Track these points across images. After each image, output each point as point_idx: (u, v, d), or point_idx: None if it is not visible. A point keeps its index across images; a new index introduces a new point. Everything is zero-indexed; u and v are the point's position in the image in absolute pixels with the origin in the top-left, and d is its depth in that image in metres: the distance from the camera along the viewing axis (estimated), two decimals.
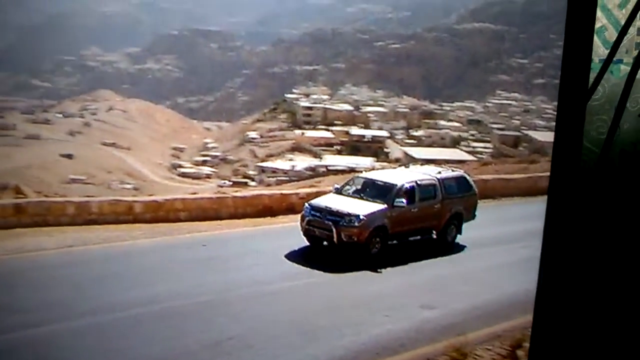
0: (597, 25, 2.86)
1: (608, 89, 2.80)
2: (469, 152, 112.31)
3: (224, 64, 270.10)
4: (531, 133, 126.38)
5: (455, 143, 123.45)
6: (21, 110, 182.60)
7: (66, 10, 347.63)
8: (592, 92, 2.71)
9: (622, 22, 2.70)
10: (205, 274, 16.21)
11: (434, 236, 19.60)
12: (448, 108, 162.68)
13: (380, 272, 16.65)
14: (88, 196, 25.05)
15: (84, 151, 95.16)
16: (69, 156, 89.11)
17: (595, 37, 2.87)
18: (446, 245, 19.49)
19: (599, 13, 2.84)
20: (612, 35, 2.81)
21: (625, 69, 2.87)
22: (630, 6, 2.62)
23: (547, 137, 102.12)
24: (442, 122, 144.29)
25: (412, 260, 17.81)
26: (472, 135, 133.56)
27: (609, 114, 2.83)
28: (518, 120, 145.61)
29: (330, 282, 16.12)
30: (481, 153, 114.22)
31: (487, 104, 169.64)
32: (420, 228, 19.12)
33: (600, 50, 2.76)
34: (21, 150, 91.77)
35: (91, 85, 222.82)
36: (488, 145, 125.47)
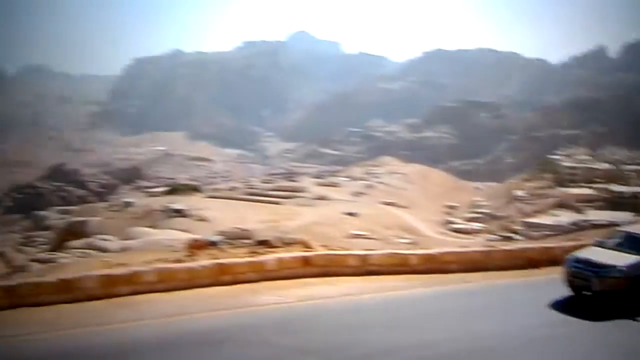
0: None
1: None
2: None
3: (492, 130, 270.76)
4: None
5: None
6: (312, 174, 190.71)
7: (353, 89, 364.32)
8: None
9: None
10: (474, 321, 15.88)
11: None
12: None
13: (639, 321, 15.71)
14: (368, 249, 25.29)
15: (366, 210, 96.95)
16: (353, 214, 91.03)
17: None
18: None
19: None
20: None
21: None
22: None
23: None
24: None
25: None
26: None
27: None
28: None
29: (590, 330, 15.38)
30: None
31: None
32: None
33: None
34: (311, 210, 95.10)
35: (375, 152, 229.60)
36: None
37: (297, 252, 21.67)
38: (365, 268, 21.21)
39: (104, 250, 38.78)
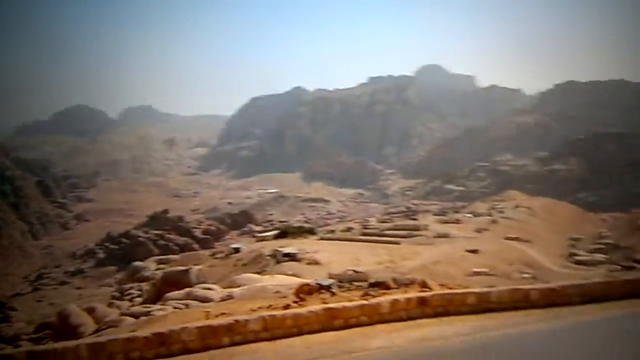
0: None
1: None
2: None
3: (621, 160, 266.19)
4: None
5: None
6: (434, 212, 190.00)
7: (483, 123, 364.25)
8: None
9: None
10: (597, 354, 15.73)
11: None
12: None
13: None
14: (489, 286, 25.06)
15: (489, 246, 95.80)
16: (474, 251, 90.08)
17: None
18: None
19: None
20: None
21: None
22: None
23: None
24: None
25: None
26: None
27: None
28: None
29: None
30: None
31: None
32: None
33: None
34: (430, 248, 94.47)
35: (500, 187, 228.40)
36: None
37: (414, 293, 21.61)
38: (484, 306, 21.11)
39: (205, 300, 38.98)
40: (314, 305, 20.21)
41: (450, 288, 24.39)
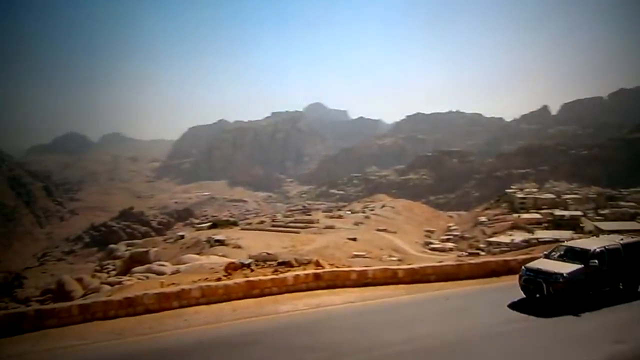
0: None
1: None
2: None
3: (461, 172, 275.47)
4: None
5: (632, 217, 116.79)
6: (322, 210, 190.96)
7: (355, 145, 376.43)
8: None
9: None
10: (449, 320, 15.76)
11: (621, 287, 18.07)
12: (625, 193, 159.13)
13: (580, 316, 15.67)
14: (366, 266, 25.08)
15: (364, 235, 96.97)
16: (354, 239, 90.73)
17: None
18: (631, 294, 17.95)
19: None
20: None
21: None
22: None
23: None
24: (622, 203, 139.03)
25: (604, 306, 16.68)
26: None
27: None
28: None
29: (543, 325, 15.17)
30: None
31: None
32: (610, 281, 17.75)
33: None
34: (321, 237, 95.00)
35: (371, 192, 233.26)
36: None
37: (311, 270, 21.46)
38: (364, 281, 20.91)
39: (160, 273, 38.76)
40: (238, 279, 19.94)
41: (337, 267, 24.30)
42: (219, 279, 21.03)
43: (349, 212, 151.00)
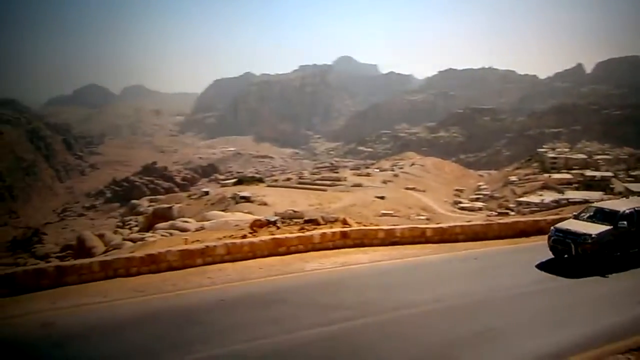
0: None
1: None
2: None
3: (493, 130, 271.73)
4: None
5: None
6: (350, 167, 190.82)
7: (385, 101, 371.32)
8: None
9: None
10: (476, 280, 15.93)
11: None
12: None
13: (608, 277, 15.85)
14: (394, 225, 25.07)
15: (393, 194, 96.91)
16: (382, 197, 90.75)
17: None
18: None
19: None
20: None
21: None
22: None
23: None
24: None
25: (632, 267, 16.79)
26: None
27: None
28: None
29: (570, 285, 15.44)
30: None
31: None
32: (637, 243, 17.72)
33: None
34: (349, 195, 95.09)
35: (400, 149, 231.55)
36: None
37: (337, 228, 21.52)
38: (391, 240, 20.94)
39: (184, 230, 38.73)
40: (264, 236, 20.03)
41: (364, 225, 24.36)
42: (244, 236, 21.13)
43: (377, 170, 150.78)
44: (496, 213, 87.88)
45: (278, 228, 23.24)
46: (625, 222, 17.25)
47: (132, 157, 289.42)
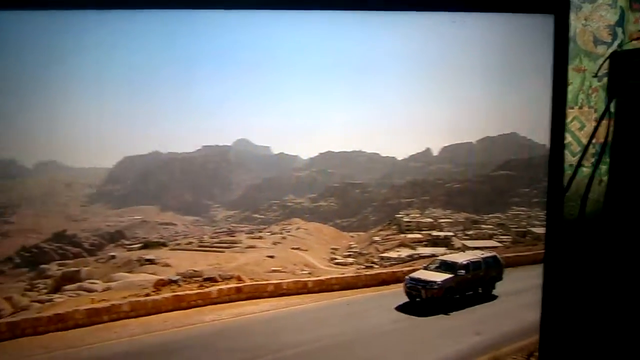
0: (566, 141, 2.82)
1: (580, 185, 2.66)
2: (498, 242, 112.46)
3: (362, 200, 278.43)
4: (532, 229, 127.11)
5: (490, 237, 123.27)
6: (246, 232, 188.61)
7: (276, 175, 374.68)
8: (567, 191, 2.60)
9: (583, 140, 2.58)
10: (349, 321, 16.47)
11: (480, 291, 19.88)
12: (486, 217, 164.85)
13: (450, 314, 17.18)
14: (281, 279, 25.25)
15: (281, 253, 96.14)
16: (272, 257, 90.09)
17: (567, 151, 2.82)
18: (487, 296, 19.81)
19: (566, 134, 2.84)
20: (576, 148, 2.69)
21: (587, 171, 2.71)
22: (588, 129, 2.46)
23: (542, 230, 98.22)
24: (483, 226, 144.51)
25: (468, 306, 18.33)
26: (500, 232, 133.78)
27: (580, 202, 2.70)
28: (525, 222, 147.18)
29: (421, 322, 16.46)
30: (505, 242, 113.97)
31: (507, 214, 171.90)
32: (472, 287, 19.52)
33: (569, 158, 2.66)
34: (244, 255, 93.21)
35: (288, 216, 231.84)
36: (509, 237, 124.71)
37: (233, 284, 21.42)
38: (279, 292, 21.06)
39: (91, 291, 36.83)
40: (166, 294, 19.61)
41: (256, 281, 24.29)
42: (148, 295, 20.58)
43: (269, 234, 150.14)
44: (364, 266, 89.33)
45: (179, 286, 22.73)
46: (463, 271, 18.88)
47: (44, 225, 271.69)
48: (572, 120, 3.04)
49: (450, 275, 18.72)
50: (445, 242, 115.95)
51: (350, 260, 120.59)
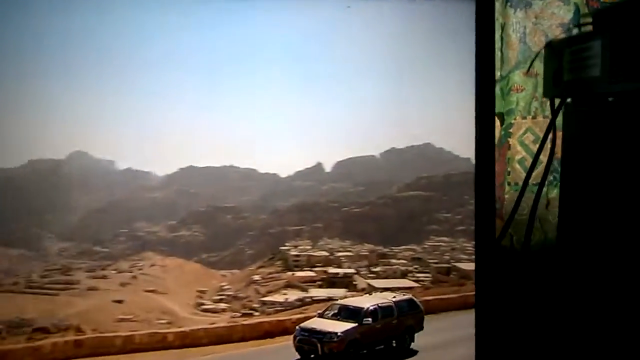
0: (519, 156, 2.93)
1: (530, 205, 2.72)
2: (414, 281, 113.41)
3: (235, 229, 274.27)
4: (458, 264, 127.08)
5: (403, 275, 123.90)
6: (85, 269, 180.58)
7: (124, 196, 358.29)
8: (516, 210, 2.64)
9: (541, 156, 2.64)
10: None
11: (394, 344, 19.22)
12: (397, 250, 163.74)
13: None
14: (132, 331, 24.39)
15: (131, 297, 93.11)
16: (120, 301, 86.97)
17: (518, 166, 2.91)
18: (404, 351, 19.11)
19: (519, 147, 2.92)
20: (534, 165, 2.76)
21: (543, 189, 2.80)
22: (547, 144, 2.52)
23: (470, 266, 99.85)
24: (393, 260, 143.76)
25: None
26: (416, 268, 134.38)
27: (536, 225, 2.76)
28: (448, 256, 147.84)
29: None
30: (423, 281, 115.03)
31: (424, 245, 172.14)
32: (383, 339, 18.87)
33: (522, 175, 2.76)
34: (84, 299, 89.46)
35: (139, 249, 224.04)
36: (428, 275, 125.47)
37: (70, 337, 20.45)
38: (130, 347, 20.26)
39: None
40: None
41: (101, 332, 23.36)
42: None
43: (115, 272, 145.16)
44: (240, 314, 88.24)
45: (3, 338, 21.38)
46: (369, 319, 18.15)
47: None
48: (524, 132, 3.07)
49: (353, 325, 18.10)
50: (346, 282, 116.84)
51: (222, 305, 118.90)
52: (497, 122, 3.07)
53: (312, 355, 17.82)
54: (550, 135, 2.51)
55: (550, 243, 2.77)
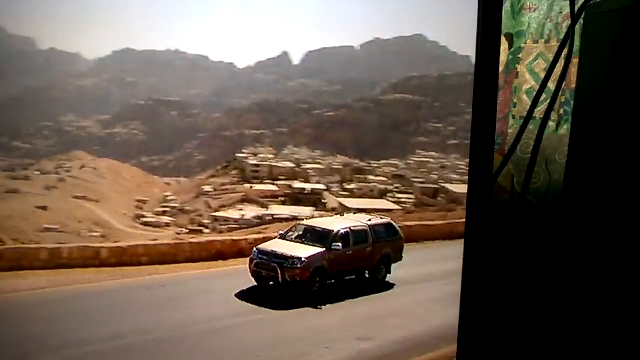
0: (527, 86, 2.86)
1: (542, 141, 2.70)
2: (394, 202, 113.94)
3: (182, 128, 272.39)
4: (448, 186, 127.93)
5: (382, 195, 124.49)
6: (3, 168, 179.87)
7: (45, 84, 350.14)
8: (517, 145, 2.64)
9: (551, 85, 2.60)
10: (164, 312, 15.96)
11: (367, 275, 19.60)
12: (375, 165, 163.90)
13: (321, 308, 16.61)
14: (60, 243, 24.40)
15: (58, 204, 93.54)
16: (44, 208, 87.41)
17: (526, 97, 2.86)
18: (378, 284, 19.49)
19: (528, 76, 2.85)
20: (540, 94, 2.72)
21: (552, 125, 2.79)
22: (557, 70, 2.50)
23: (462, 189, 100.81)
24: (371, 177, 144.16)
25: (349, 297, 17.80)
26: (397, 188, 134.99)
27: (540, 165, 2.75)
28: (436, 175, 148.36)
29: (276, 318, 15.91)
30: (405, 203, 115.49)
31: (409, 161, 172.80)
32: (354, 268, 19.15)
33: (529, 108, 2.71)
34: (2, 203, 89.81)
35: (66, 147, 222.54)
36: (411, 196, 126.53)
37: None
38: (57, 262, 20.45)
39: None
40: None
41: (23, 243, 23.46)
42: None
43: (38, 173, 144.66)
44: (187, 230, 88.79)
45: None
46: (339, 244, 18.20)
47: None
48: (535, 58, 3.02)
49: (320, 250, 18.13)
50: (313, 200, 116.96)
51: (165, 219, 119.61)
52: (505, 44, 3.05)
53: (271, 283, 18.08)
54: (565, 51, 2.48)
55: (556, 187, 2.81)
